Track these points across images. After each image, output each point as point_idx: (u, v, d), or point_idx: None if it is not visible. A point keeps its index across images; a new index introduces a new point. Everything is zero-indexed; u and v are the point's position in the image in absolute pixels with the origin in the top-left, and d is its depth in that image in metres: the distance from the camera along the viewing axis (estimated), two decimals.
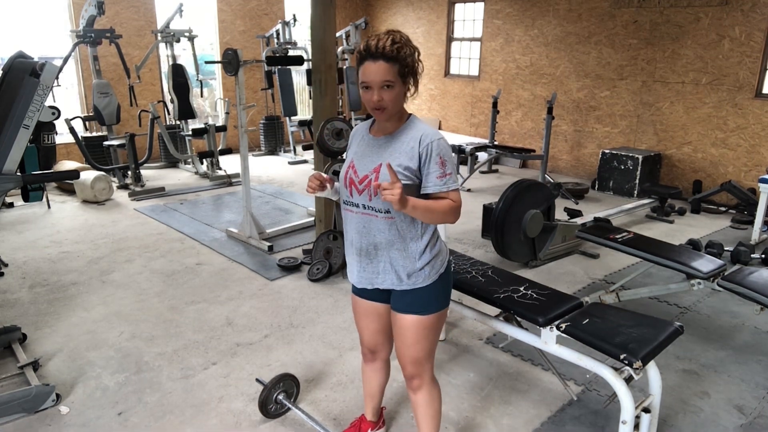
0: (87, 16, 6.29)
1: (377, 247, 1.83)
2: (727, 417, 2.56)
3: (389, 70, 1.68)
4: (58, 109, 2.93)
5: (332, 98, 4.25)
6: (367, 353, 2.18)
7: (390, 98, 1.70)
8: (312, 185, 1.86)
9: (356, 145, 1.89)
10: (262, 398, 2.43)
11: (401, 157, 1.75)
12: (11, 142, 2.59)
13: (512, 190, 4.16)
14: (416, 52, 1.78)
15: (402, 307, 1.90)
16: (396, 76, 1.69)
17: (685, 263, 3.18)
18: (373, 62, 1.67)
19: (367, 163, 1.81)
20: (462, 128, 8.88)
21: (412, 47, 1.75)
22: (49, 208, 5.69)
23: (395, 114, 1.78)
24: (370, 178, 1.77)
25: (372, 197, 1.78)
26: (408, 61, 1.72)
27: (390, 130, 1.81)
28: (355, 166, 1.83)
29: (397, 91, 1.71)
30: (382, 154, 1.79)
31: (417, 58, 1.78)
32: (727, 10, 5.97)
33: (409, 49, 1.73)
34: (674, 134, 6.61)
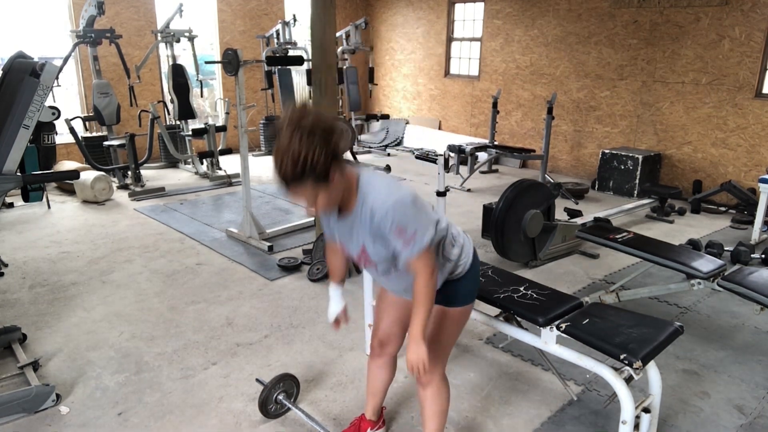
0: (87, 16, 6.29)
1: (407, 289, 1.84)
2: (727, 417, 2.56)
3: (302, 186, 1.53)
4: (58, 109, 2.93)
5: (332, 98, 4.25)
6: (377, 347, 2.19)
7: (322, 203, 1.61)
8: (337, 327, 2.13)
9: (333, 225, 1.84)
10: (262, 398, 2.42)
11: (370, 233, 1.70)
12: (11, 142, 2.59)
13: (512, 190, 4.16)
14: (325, 140, 1.50)
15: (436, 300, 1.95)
16: (312, 184, 1.53)
17: (685, 263, 3.18)
18: (287, 189, 1.56)
19: (353, 244, 1.79)
20: (462, 128, 8.89)
21: (318, 140, 1.48)
22: (49, 208, 5.69)
23: (340, 200, 1.67)
24: (363, 258, 1.81)
25: (377, 268, 1.83)
26: (318, 166, 1.49)
27: (349, 209, 1.71)
28: (347, 248, 1.85)
29: (322, 196, 1.59)
30: (357, 233, 1.74)
31: (327, 146, 1.50)
32: (727, 10, 5.97)
33: (315, 150, 1.47)
34: (674, 134, 6.61)
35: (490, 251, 4.49)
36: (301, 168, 1.48)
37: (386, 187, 1.66)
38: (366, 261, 1.82)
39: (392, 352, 2.21)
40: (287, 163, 1.48)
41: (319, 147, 1.48)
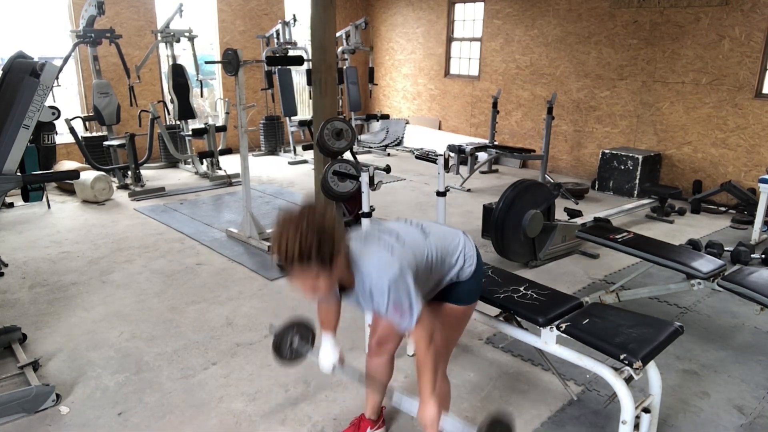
0: (87, 16, 6.29)
1: None
2: (727, 417, 2.56)
3: (306, 271, 1.53)
4: (58, 109, 2.93)
5: (332, 98, 4.26)
6: (375, 346, 2.21)
7: (322, 287, 1.60)
8: None
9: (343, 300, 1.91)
10: (276, 343, 2.24)
11: (373, 304, 1.72)
12: (11, 142, 2.59)
13: (512, 190, 4.16)
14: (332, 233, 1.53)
15: (445, 298, 1.97)
16: (317, 269, 1.53)
17: (685, 263, 3.18)
18: (291, 275, 1.55)
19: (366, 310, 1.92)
20: (462, 128, 8.89)
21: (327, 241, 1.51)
22: (49, 208, 5.69)
23: (336, 282, 1.68)
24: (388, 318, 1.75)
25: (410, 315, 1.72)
26: (316, 250, 1.49)
27: (351, 282, 1.72)
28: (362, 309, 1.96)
29: (324, 279, 1.57)
30: (362, 305, 1.81)
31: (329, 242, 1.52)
32: (727, 10, 5.97)
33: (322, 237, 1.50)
34: (674, 134, 6.61)
35: (490, 251, 4.49)
36: (308, 256, 1.49)
37: (377, 263, 1.67)
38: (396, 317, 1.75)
39: (391, 350, 2.22)
40: (293, 247, 1.48)
41: (326, 235, 1.51)
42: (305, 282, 1.57)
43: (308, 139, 7.95)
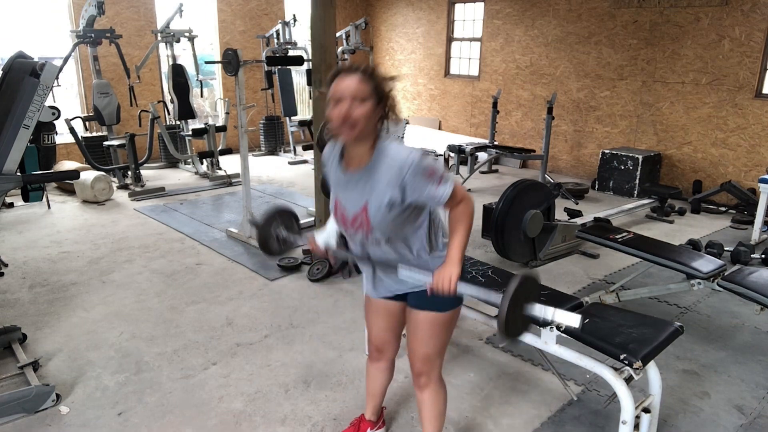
0: (87, 16, 6.29)
1: (390, 263, 1.82)
2: (727, 417, 2.56)
3: (363, 84, 1.59)
4: (58, 109, 2.93)
5: None
6: (374, 352, 2.19)
7: (361, 114, 1.58)
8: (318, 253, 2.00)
9: (333, 176, 1.81)
10: (262, 239, 2.07)
11: (387, 189, 1.66)
12: (11, 142, 2.59)
13: (512, 190, 4.16)
14: (393, 86, 1.70)
15: (418, 304, 1.90)
16: (370, 92, 1.60)
17: (685, 263, 3.18)
18: (346, 75, 1.60)
19: (353, 202, 1.74)
20: (462, 128, 8.88)
21: (390, 79, 1.68)
22: (49, 208, 5.69)
23: (366, 138, 1.66)
24: (360, 219, 1.73)
25: (369, 235, 1.76)
26: (383, 85, 1.64)
27: (365, 161, 1.69)
28: (343, 205, 1.78)
29: (368, 108, 1.60)
30: (363, 190, 1.71)
31: (392, 91, 1.68)
32: (727, 10, 5.97)
33: (386, 80, 1.66)
34: (674, 134, 6.61)
35: (490, 251, 4.49)
36: (372, 70, 1.62)
37: (405, 148, 1.70)
38: (360, 225, 1.74)
39: (390, 356, 2.20)
40: (370, 66, 1.64)
41: (392, 84, 1.68)
42: (353, 96, 1.58)
43: (308, 139, 7.95)
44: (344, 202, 1.77)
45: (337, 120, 1.60)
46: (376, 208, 1.68)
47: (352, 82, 1.58)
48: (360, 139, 1.65)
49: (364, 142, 1.67)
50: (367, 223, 1.72)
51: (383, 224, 1.71)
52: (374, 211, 1.69)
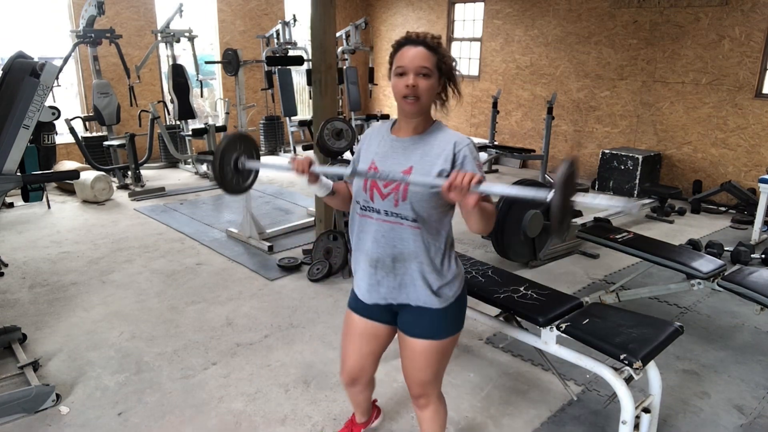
0: (87, 16, 6.29)
1: (398, 259, 1.68)
2: (727, 417, 2.56)
3: (428, 57, 1.56)
4: (58, 109, 2.93)
5: (332, 98, 4.25)
6: (348, 380, 2.02)
7: (425, 87, 1.57)
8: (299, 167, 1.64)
9: (376, 146, 1.72)
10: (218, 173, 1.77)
11: (437, 160, 1.61)
12: (11, 142, 2.59)
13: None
14: (455, 62, 1.67)
15: (415, 331, 1.76)
16: (434, 66, 1.58)
17: (685, 263, 3.18)
18: (412, 47, 1.57)
19: (394, 164, 1.65)
20: (462, 128, 8.88)
21: (451, 56, 1.67)
22: (49, 208, 5.69)
23: (425, 110, 1.64)
24: (398, 182, 1.61)
25: (399, 202, 1.62)
26: (446, 59, 1.61)
27: (419, 130, 1.67)
28: (379, 168, 1.67)
29: (432, 82, 1.58)
30: (411, 155, 1.64)
31: (455, 67, 1.67)
32: (727, 10, 5.97)
33: (448, 55, 1.64)
34: (674, 134, 6.61)
35: (490, 251, 4.49)
36: (437, 43, 1.59)
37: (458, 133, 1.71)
38: (394, 189, 1.61)
39: (366, 380, 2.05)
40: (429, 34, 1.60)
41: (453, 60, 1.66)
42: (418, 68, 1.55)
43: (308, 139, 7.95)
44: (383, 165, 1.67)
45: (403, 91, 1.57)
46: (420, 174, 1.61)
47: (418, 54, 1.56)
48: (420, 114, 1.63)
49: (421, 117, 1.65)
50: (405, 186, 1.61)
51: (420, 193, 1.59)
52: (417, 175, 1.61)
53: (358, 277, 1.80)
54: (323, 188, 1.76)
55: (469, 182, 1.38)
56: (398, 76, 1.58)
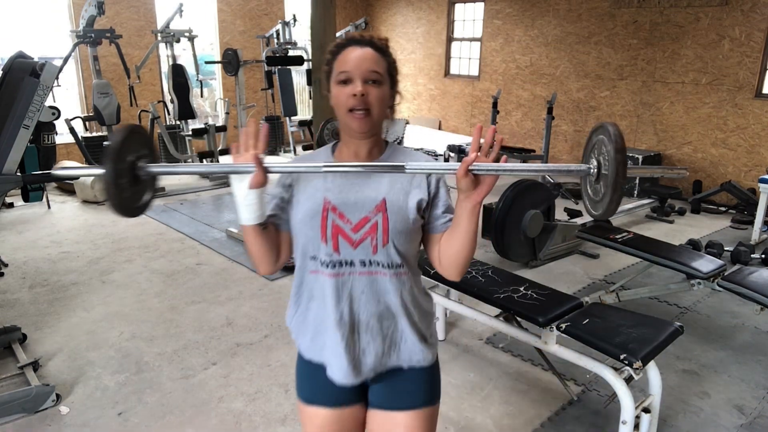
0: (87, 16, 6.28)
1: (384, 316, 1.31)
2: (727, 417, 2.56)
3: (379, 60, 1.27)
4: (58, 109, 2.94)
5: None
6: None
7: (377, 96, 1.26)
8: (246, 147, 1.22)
9: (321, 179, 1.32)
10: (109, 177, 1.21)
11: (410, 188, 1.30)
12: (11, 142, 2.59)
13: (512, 190, 4.16)
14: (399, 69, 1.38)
15: (404, 400, 1.36)
16: (386, 72, 1.28)
17: (685, 263, 3.18)
18: (358, 47, 1.27)
19: (359, 199, 1.28)
20: (462, 128, 8.88)
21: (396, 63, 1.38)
22: (49, 208, 5.69)
23: (378, 126, 1.32)
24: (374, 221, 1.27)
25: (378, 248, 1.27)
26: (396, 65, 1.34)
27: (374, 154, 1.34)
28: (339, 209, 1.28)
29: (384, 91, 1.28)
30: (378, 185, 1.30)
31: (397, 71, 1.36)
32: (727, 10, 5.97)
33: (395, 61, 1.35)
34: (674, 134, 6.61)
35: (490, 251, 4.49)
36: (386, 44, 1.31)
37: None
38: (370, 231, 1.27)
39: None
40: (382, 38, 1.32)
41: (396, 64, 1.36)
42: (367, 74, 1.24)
43: (308, 139, 7.95)
44: (344, 202, 1.29)
45: (349, 102, 1.24)
46: (398, 207, 1.28)
47: (366, 56, 1.26)
48: (372, 132, 1.31)
49: (371, 137, 1.32)
50: (384, 225, 1.27)
51: (403, 231, 1.28)
52: (395, 209, 1.28)
53: (326, 355, 1.33)
54: (258, 209, 1.27)
55: (495, 155, 1.15)
56: (341, 84, 1.26)
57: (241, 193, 1.25)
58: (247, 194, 1.24)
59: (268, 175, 1.24)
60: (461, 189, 1.19)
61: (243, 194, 1.25)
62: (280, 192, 1.39)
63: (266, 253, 1.33)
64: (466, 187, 1.17)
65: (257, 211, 1.27)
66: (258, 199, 1.25)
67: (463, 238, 1.25)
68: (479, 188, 1.18)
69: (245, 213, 1.27)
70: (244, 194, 1.24)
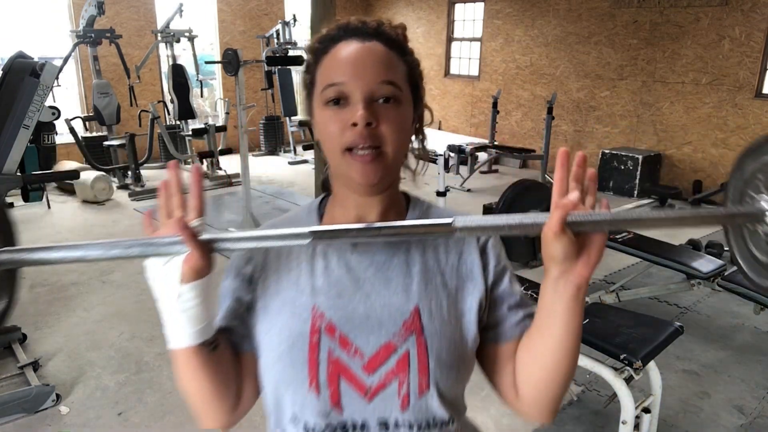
0: (87, 16, 6.29)
1: None
2: (727, 417, 2.56)
3: (393, 62, 0.81)
4: (58, 109, 2.94)
5: None
6: None
7: (393, 125, 0.77)
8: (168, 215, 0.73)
9: (308, 270, 0.82)
10: None
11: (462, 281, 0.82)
12: (11, 142, 2.60)
13: (512, 190, 4.16)
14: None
15: None
16: (404, 81, 0.81)
17: (685, 263, 3.18)
18: (358, 42, 0.82)
19: (377, 310, 0.78)
20: (462, 128, 8.88)
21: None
22: (49, 208, 5.69)
23: (395, 173, 0.83)
24: (402, 351, 0.77)
25: (411, 397, 0.76)
26: (418, 68, 0.90)
27: (393, 219, 0.84)
28: (340, 328, 0.78)
29: (404, 115, 0.79)
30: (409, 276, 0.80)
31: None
32: (727, 10, 5.97)
33: (415, 57, 0.91)
34: (674, 134, 6.61)
35: None
36: (403, 36, 0.90)
37: None
38: (397, 371, 0.77)
39: None
40: (398, 29, 0.90)
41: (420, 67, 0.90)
42: (376, 76, 0.77)
43: (308, 139, 7.95)
44: (346, 321, 0.78)
45: (347, 138, 0.76)
46: (442, 321, 0.79)
47: (374, 59, 0.80)
48: (384, 184, 0.80)
49: (384, 191, 0.82)
50: (421, 357, 0.76)
51: (455, 364, 0.80)
52: (439, 326, 0.78)
53: None
54: (198, 319, 0.76)
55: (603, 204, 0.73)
56: (330, 105, 0.78)
57: (168, 291, 0.72)
58: (178, 292, 0.71)
59: (212, 256, 0.71)
60: (554, 258, 0.70)
61: (171, 292, 0.71)
62: (237, 288, 0.83)
63: (215, 393, 0.80)
64: (563, 253, 0.68)
65: (198, 323, 0.75)
66: (198, 298, 0.72)
67: (558, 346, 0.74)
68: (586, 255, 0.70)
69: (177, 326, 0.77)
70: (174, 292, 0.71)
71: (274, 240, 0.73)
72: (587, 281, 0.72)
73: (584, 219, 0.69)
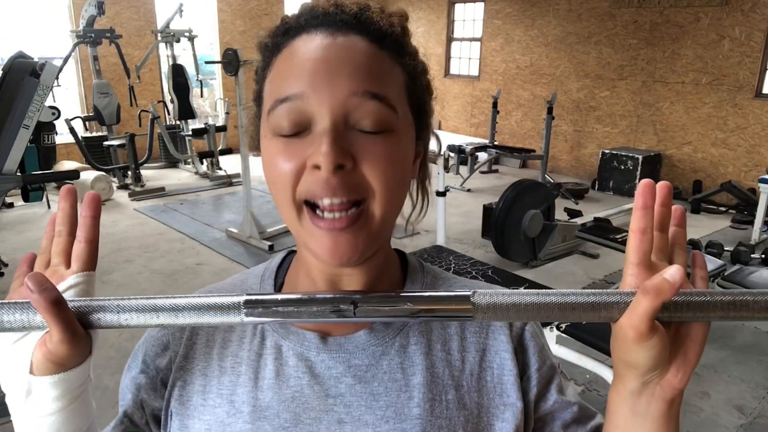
0: (87, 16, 6.29)
1: None
2: (727, 417, 2.56)
3: (382, 66, 0.54)
4: (58, 109, 2.94)
5: None
6: None
7: (383, 161, 0.50)
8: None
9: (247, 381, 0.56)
10: None
11: (496, 392, 0.59)
12: (11, 142, 2.60)
13: (512, 190, 4.16)
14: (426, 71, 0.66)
15: None
16: (400, 95, 0.56)
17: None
18: (327, 35, 0.51)
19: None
20: (462, 128, 8.89)
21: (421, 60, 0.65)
22: (49, 208, 5.69)
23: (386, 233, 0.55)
24: None
25: None
26: (424, 74, 0.66)
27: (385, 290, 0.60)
28: None
29: (400, 144, 0.52)
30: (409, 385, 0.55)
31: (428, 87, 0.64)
32: (727, 10, 5.97)
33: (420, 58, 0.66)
34: (674, 134, 6.61)
35: (490, 251, 4.49)
36: (402, 28, 0.62)
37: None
38: None
39: None
40: (394, 17, 0.61)
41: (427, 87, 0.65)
42: (351, 85, 0.49)
43: None
44: None
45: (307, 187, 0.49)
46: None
47: (349, 56, 0.51)
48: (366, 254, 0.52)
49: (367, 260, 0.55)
50: None
51: None
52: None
53: None
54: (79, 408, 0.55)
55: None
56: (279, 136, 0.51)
57: (12, 384, 0.49)
58: (26, 389, 0.48)
59: (88, 338, 0.50)
60: (635, 366, 0.48)
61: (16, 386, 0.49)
62: (141, 387, 0.62)
63: None
64: (652, 361, 0.46)
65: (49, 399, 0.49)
66: (59, 401, 0.50)
67: None
68: (682, 355, 0.47)
69: None
70: (21, 388, 0.48)
71: (189, 313, 0.46)
72: (682, 393, 0.48)
73: (688, 301, 0.43)
